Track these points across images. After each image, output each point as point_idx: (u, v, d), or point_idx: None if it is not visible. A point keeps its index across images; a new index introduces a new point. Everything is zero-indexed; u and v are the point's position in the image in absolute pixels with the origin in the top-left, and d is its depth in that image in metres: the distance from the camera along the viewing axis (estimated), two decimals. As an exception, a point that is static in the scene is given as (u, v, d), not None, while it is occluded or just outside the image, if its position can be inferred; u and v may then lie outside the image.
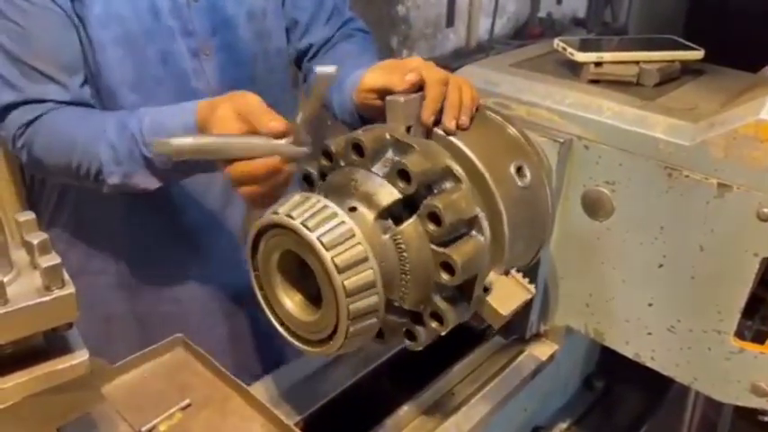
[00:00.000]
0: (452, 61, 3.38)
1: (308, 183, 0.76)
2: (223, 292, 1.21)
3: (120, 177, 0.90)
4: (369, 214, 0.67)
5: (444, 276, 0.66)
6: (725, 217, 0.74)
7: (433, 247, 0.66)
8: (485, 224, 0.70)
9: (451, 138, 0.74)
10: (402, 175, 0.66)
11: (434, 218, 0.65)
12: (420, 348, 0.72)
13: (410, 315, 0.71)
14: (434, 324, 0.69)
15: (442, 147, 0.73)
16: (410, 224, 0.66)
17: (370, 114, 0.86)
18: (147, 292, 1.15)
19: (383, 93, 0.79)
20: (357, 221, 0.64)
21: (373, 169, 0.69)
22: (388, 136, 0.70)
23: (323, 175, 0.74)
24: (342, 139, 0.71)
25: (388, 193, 0.66)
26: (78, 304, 0.55)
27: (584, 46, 0.90)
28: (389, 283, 0.66)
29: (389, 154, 0.69)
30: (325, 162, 0.73)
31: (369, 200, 0.67)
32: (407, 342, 0.72)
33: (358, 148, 0.69)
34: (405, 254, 0.66)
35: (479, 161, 0.72)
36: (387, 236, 0.66)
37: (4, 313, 0.52)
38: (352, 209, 0.66)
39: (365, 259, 0.62)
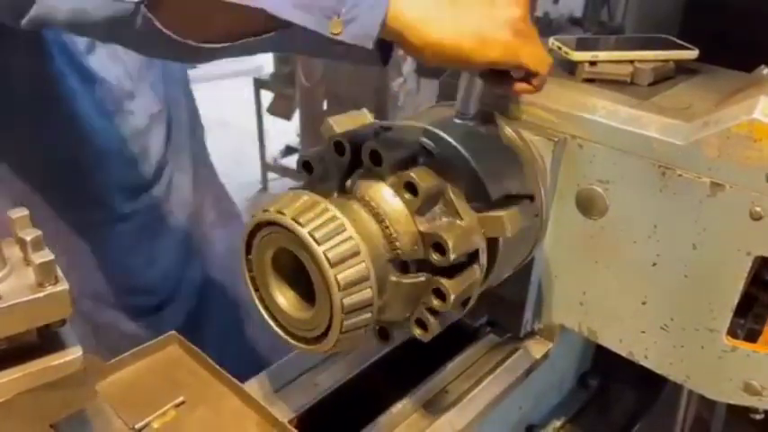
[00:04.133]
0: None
1: (306, 170, 0.75)
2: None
3: None
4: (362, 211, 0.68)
5: (435, 257, 0.67)
6: (718, 216, 0.74)
7: (421, 228, 0.68)
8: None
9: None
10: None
11: (410, 187, 0.67)
12: (431, 337, 0.71)
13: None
14: (437, 302, 0.69)
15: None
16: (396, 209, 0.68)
17: None
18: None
19: None
20: (348, 214, 0.65)
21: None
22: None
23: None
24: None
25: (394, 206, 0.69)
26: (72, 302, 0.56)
27: (580, 45, 0.91)
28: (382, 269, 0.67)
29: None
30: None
31: (368, 203, 0.69)
32: (418, 332, 0.72)
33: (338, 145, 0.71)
34: (394, 236, 0.68)
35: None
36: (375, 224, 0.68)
37: (-4, 310, 0.52)
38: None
39: (357, 252, 0.63)
